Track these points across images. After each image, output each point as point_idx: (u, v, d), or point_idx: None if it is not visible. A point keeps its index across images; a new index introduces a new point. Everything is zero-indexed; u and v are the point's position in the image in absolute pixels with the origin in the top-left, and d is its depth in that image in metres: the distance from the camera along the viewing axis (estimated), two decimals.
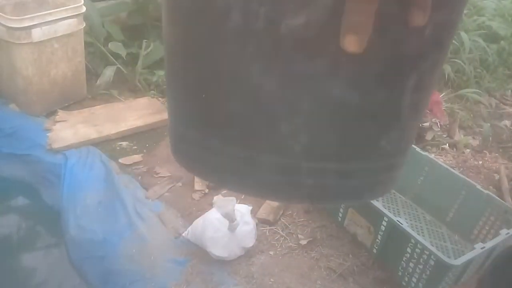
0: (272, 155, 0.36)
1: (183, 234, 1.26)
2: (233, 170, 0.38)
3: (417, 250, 1.16)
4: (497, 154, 1.91)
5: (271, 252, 1.27)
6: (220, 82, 0.36)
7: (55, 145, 1.49)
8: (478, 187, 1.37)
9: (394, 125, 0.37)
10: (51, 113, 1.65)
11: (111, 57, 1.87)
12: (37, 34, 1.52)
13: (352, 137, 0.36)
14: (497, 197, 1.36)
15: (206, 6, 0.33)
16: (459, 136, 2.01)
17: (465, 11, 2.59)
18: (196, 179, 1.47)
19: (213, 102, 0.37)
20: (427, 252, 1.13)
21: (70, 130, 1.56)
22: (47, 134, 1.53)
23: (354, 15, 0.29)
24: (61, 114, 1.64)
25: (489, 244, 1.16)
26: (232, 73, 0.35)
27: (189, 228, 1.26)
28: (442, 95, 2.25)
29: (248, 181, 0.38)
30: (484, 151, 1.93)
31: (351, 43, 0.29)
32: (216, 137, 0.38)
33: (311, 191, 0.38)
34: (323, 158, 0.36)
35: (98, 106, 1.73)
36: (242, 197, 1.32)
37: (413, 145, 1.51)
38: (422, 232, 1.44)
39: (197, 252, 1.22)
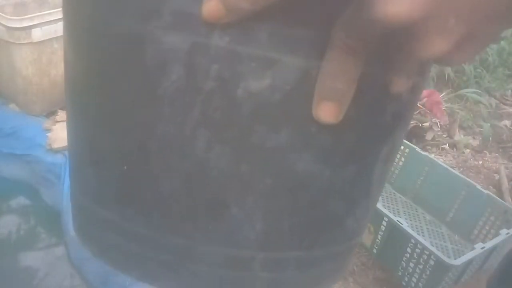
0: (219, 245, 0.29)
1: None
2: (164, 263, 0.30)
3: (417, 250, 1.16)
4: (497, 154, 1.91)
5: None
6: (151, 152, 0.27)
7: (55, 145, 1.49)
8: (478, 187, 1.37)
9: (363, 201, 0.32)
10: (51, 113, 1.65)
11: None
12: (37, 34, 1.52)
13: (317, 218, 0.30)
14: (497, 197, 1.36)
15: (137, 53, 0.25)
16: (459, 136, 2.01)
17: None
18: None
19: (139, 177, 0.28)
20: (427, 252, 1.13)
21: None
22: (47, 134, 1.53)
23: (334, 79, 0.24)
24: (61, 114, 1.64)
25: (489, 244, 1.16)
26: (169, 142, 0.27)
27: None
28: (442, 95, 2.25)
29: (184, 277, 0.30)
30: (484, 151, 1.93)
31: (327, 114, 0.24)
32: (140, 220, 0.29)
33: (267, 286, 0.30)
34: (282, 246, 0.29)
35: None
36: None
37: (413, 145, 1.51)
38: (422, 232, 1.44)
39: None
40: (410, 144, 1.53)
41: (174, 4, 0.24)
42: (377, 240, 1.24)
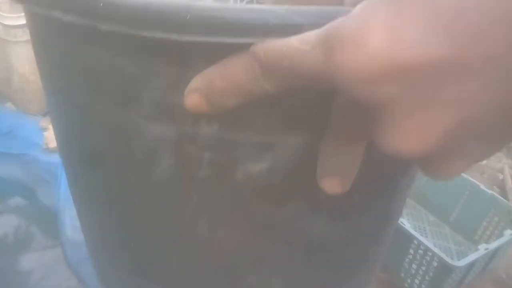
0: None
1: None
2: None
3: (420, 251, 1.15)
4: (501, 154, 1.89)
5: None
6: (154, 234, 0.27)
7: (52, 145, 1.47)
8: (482, 187, 1.36)
9: (376, 248, 0.33)
10: (48, 112, 1.63)
11: None
12: None
13: (334, 272, 0.30)
14: (501, 197, 1.35)
15: (124, 141, 0.24)
16: None
17: None
18: None
19: (147, 255, 0.29)
20: (430, 253, 1.12)
21: None
22: (44, 133, 1.52)
23: (336, 158, 0.22)
24: None
25: (493, 245, 1.15)
26: (170, 226, 0.26)
27: None
28: None
29: None
30: None
31: (333, 188, 0.23)
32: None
33: None
34: None
35: None
36: None
37: None
38: (425, 233, 1.42)
39: None
40: None
41: (153, 93, 0.22)
42: None
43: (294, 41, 0.18)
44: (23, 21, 1.44)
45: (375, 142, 0.19)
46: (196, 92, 0.21)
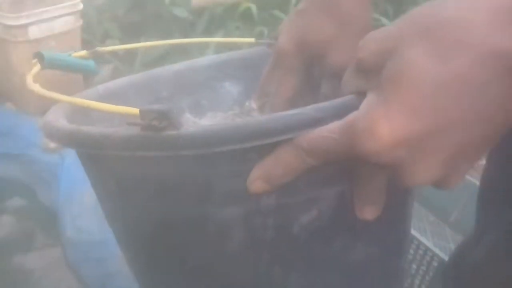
0: None
1: None
2: None
3: (419, 251, 1.15)
4: None
5: None
6: None
7: (52, 144, 1.47)
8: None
9: (403, 254, 0.42)
10: (47, 112, 1.63)
11: (108, 54, 1.85)
12: (34, 32, 1.50)
13: (388, 276, 0.39)
14: None
15: (201, 228, 0.32)
16: None
17: None
18: None
19: None
20: (430, 253, 1.12)
21: None
22: (43, 133, 1.52)
23: (371, 194, 0.30)
24: None
25: None
26: (248, 282, 0.34)
27: None
28: None
29: None
30: None
31: (370, 213, 0.31)
32: None
33: None
34: None
35: None
36: None
37: None
38: (425, 233, 1.42)
39: None
40: None
41: (222, 187, 0.30)
42: None
43: (325, 132, 0.27)
44: (23, 21, 1.44)
45: (397, 181, 0.28)
46: (259, 179, 0.29)
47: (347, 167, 0.29)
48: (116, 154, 0.31)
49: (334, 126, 0.27)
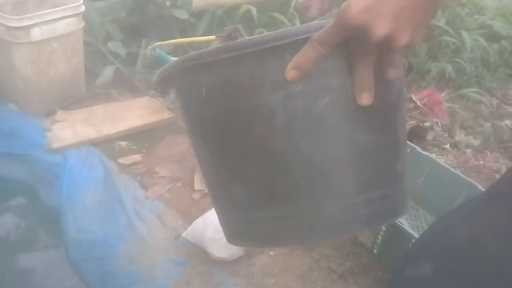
0: (334, 202, 0.48)
1: (183, 235, 1.26)
2: (307, 226, 0.48)
3: None
4: (498, 154, 1.91)
5: (271, 253, 1.26)
6: (278, 160, 0.47)
7: (54, 145, 1.48)
8: (479, 187, 1.37)
9: (400, 153, 0.52)
10: (50, 113, 1.64)
11: (111, 56, 1.86)
12: (36, 34, 1.51)
13: (386, 168, 0.50)
14: None
15: (255, 115, 0.47)
16: (460, 136, 2.00)
17: (466, 11, 2.59)
18: (196, 178, 1.46)
19: (277, 179, 0.48)
20: None
21: (69, 130, 1.55)
22: (46, 134, 1.53)
23: (363, 79, 0.45)
24: (60, 114, 1.63)
25: None
26: (286, 152, 0.47)
27: (189, 229, 1.25)
28: (443, 94, 2.25)
29: (320, 230, 0.49)
30: (485, 151, 1.93)
31: (366, 99, 0.45)
32: (286, 206, 0.48)
33: (368, 219, 0.49)
34: (371, 188, 0.49)
35: (97, 106, 1.72)
36: None
37: (414, 145, 1.51)
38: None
39: (197, 253, 1.22)
40: (411, 144, 1.52)
41: (270, 78, 0.46)
42: (378, 240, 1.23)
43: (328, 27, 0.44)
44: (25, 23, 1.45)
45: (372, 38, 0.42)
46: (292, 69, 0.45)
47: (346, 62, 0.45)
48: (208, 60, 0.47)
49: (330, 22, 0.44)
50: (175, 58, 0.68)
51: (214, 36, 0.68)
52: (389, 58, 0.46)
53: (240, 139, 0.49)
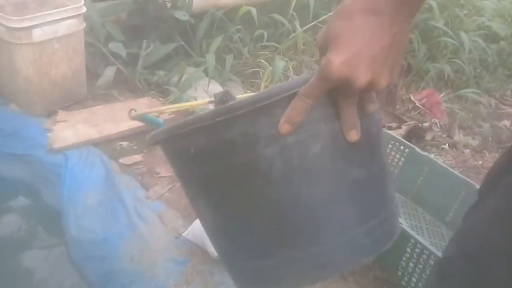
0: (338, 238, 0.50)
1: (183, 234, 1.26)
2: (315, 267, 0.51)
3: (416, 250, 1.16)
4: (496, 154, 1.92)
5: None
6: (281, 207, 0.50)
7: (56, 145, 1.49)
8: (478, 187, 1.37)
9: (388, 177, 0.56)
10: (51, 113, 1.65)
11: (112, 57, 1.87)
12: (38, 34, 1.52)
13: (379, 195, 0.54)
14: None
15: (253, 168, 0.50)
16: (458, 136, 2.01)
17: (464, 12, 2.60)
18: None
19: (285, 226, 0.50)
20: (427, 252, 1.13)
21: (70, 130, 1.56)
22: (48, 134, 1.53)
23: (350, 120, 0.50)
24: (61, 114, 1.64)
25: None
26: (289, 202, 0.50)
27: (189, 228, 1.26)
28: (441, 95, 2.26)
29: (328, 268, 0.52)
30: (484, 151, 1.94)
31: (355, 135, 0.50)
32: (293, 250, 0.51)
33: (371, 247, 0.52)
34: (370, 217, 0.52)
35: (98, 106, 1.73)
36: None
37: (413, 145, 1.52)
38: (422, 232, 1.44)
39: (197, 252, 1.22)
40: (410, 144, 1.53)
41: (264, 134, 0.49)
42: None
43: (312, 81, 0.48)
44: (27, 23, 1.46)
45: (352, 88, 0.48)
46: (284, 123, 0.48)
47: (332, 110, 0.50)
48: (203, 125, 0.51)
49: (315, 76, 0.49)
50: (161, 119, 0.83)
51: (206, 100, 0.78)
52: (369, 96, 0.51)
53: (240, 192, 0.51)
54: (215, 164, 0.51)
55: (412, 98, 2.11)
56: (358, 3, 0.48)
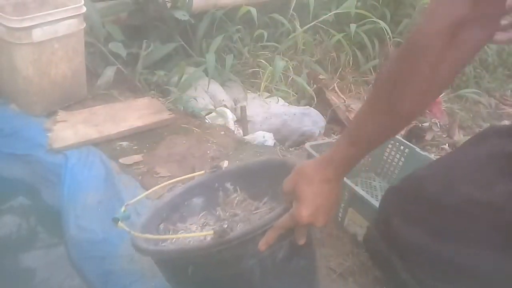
0: None
1: None
2: None
3: None
4: None
5: None
6: None
7: (56, 145, 1.49)
8: None
9: (316, 260, 0.96)
10: (51, 113, 1.65)
11: (111, 57, 1.87)
12: (38, 34, 1.52)
13: (313, 271, 0.96)
14: None
15: (240, 276, 0.83)
16: (458, 136, 2.01)
17: None
18: None
19: None
20: None
21: (70, 130, 1.56)
22: (48, 134, 1.54)
23: (302, 234, 0.82)
24: (61, 114, 1.64)
25: None
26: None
27: None
28: (441, 95, 2.26)
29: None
30: None
31: (303, 240, 0.81)
32: None
33: None
34: None
35: (98, 106, 1.73)
36: None
37: (413, 145, 1.52)
38: None
39: None
40: (410, 144, 1.53)
41: (249, 254, 0.80)
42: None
43: (284, 219, 0.80)
44: (27, 23, 1.46)
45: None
46: (263, 244, 0.79)
47: (290, 231, 0.79)
48: (200, 254, 0.78)
49: (286, 216, 0.79)
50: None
51: (202, 171, 1.05)
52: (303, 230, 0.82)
53: None
54: (207, 275, 0.78)
55: None
56: (317, 174, 0.76)
